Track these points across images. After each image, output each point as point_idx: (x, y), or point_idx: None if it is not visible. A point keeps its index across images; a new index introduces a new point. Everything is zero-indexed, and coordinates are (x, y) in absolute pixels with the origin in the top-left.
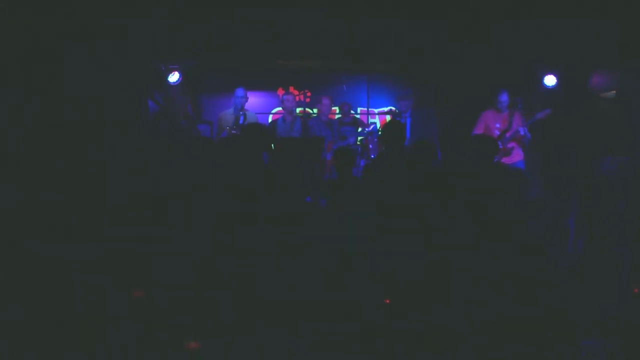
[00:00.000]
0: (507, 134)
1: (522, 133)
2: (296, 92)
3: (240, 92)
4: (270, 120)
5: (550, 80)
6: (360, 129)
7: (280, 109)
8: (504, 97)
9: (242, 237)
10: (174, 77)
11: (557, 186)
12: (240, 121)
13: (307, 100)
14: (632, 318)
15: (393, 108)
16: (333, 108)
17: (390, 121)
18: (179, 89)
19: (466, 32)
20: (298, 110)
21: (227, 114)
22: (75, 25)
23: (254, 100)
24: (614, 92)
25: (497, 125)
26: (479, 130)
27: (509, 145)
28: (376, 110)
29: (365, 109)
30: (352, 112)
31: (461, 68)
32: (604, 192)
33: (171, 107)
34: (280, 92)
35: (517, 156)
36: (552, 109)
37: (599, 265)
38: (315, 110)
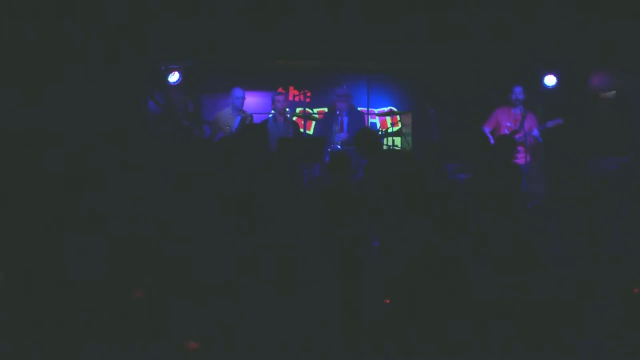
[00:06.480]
0: (517, 136)
1: (536, 135)
2: (296, 92)
3: (238, 92)
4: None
5: (550, 80)
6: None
7: None
8: (519, 89)
9: (242, 236)
10: (174, 77)
11: (558, 187)
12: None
13: (307, 100)
14: (632, 318)
15: (393, 108)
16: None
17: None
18: (179, 89)
19: (466, 32)
20: (298, 110)
21: (225, 114)
22: (77, 25)
23: (253, 100)
24: (614, 92)
25: (508, 124)
26: (489, 126)
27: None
28: (376, 111)
29: (365, 109)
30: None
31: (461, 68)
32: (604, 192)
33: (173, 107)
34: (281, 92)
35: (520, 160)
36: (564, 118)
37: (598, 265)
38: (315, 111)
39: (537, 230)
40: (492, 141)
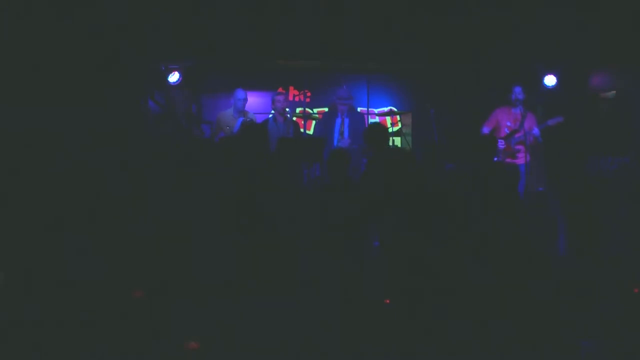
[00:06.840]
0: (517, 135)
1: (536, 134)
2: (296, 92)
3: (240, 93)
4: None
5: (550, 80)
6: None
7: None
8: (518, 89)
9: (242, 236)
10: (174, 77)
11: (558, 187)
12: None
13: (307, 100)
14: (632, 318)
15: (393, 108)
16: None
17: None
18: (179, 89)
19: (467, 32)
20: (298, 110)
21: (226, 115)
22: (77, 26)
23: (253, 100)
24: (614, 92)
25: (508, 124)
26: (489, 125)
27: (516, 147)
28: (376, 111)
29: (365, 109)
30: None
31: (461, 68)
32: (604, 192)
33: (173, 107)
34: (281, 92)
35: (520, 159)
36: (564, 117)
37: (598, 265)
38: (315, 111)
39: (537, 230)
40: None
